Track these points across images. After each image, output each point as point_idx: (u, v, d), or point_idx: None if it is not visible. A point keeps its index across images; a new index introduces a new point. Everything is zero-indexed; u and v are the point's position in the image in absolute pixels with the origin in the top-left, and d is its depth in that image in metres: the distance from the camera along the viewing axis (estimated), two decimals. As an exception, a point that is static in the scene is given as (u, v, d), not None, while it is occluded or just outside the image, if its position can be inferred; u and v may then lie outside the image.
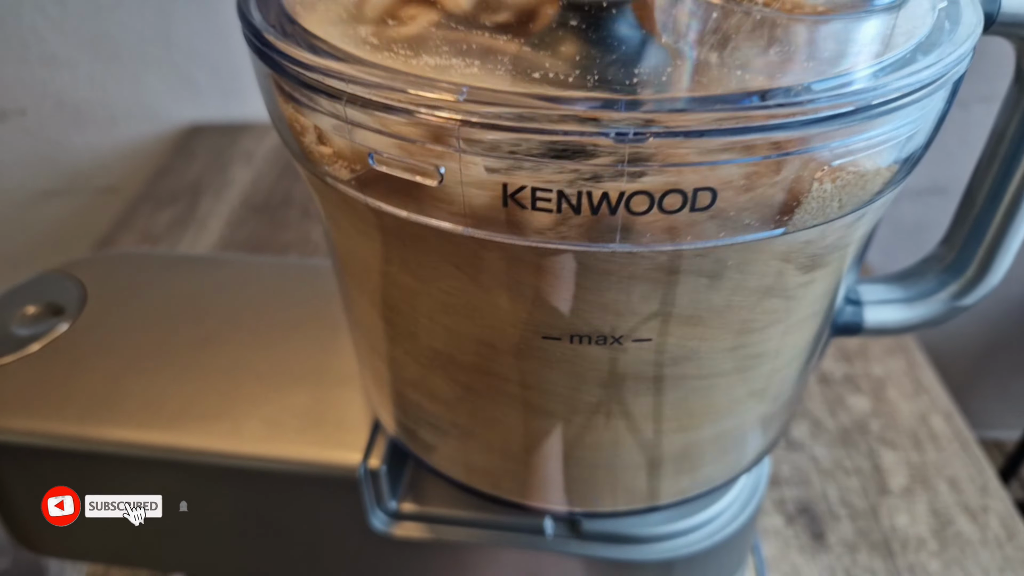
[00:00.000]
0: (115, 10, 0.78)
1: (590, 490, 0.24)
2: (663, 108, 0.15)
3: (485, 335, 0.20)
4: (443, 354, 0.22)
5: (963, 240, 0.25)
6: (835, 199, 0.16)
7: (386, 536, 0.29)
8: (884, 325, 0.26)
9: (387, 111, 0.16)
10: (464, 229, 0.17)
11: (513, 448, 0.24)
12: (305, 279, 0.36)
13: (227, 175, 0.78)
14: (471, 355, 0.21)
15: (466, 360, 0.21)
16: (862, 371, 0.56)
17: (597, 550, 0.28)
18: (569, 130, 0.14)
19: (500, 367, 0.21)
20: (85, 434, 0.28)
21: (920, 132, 0.17)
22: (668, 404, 0.21)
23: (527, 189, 0.15)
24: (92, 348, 0.32)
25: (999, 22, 0.19)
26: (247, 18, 0.19)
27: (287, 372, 0.31)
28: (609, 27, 0.17)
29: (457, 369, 0.22)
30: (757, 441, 0.25)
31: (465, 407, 0.23)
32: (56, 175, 0.88)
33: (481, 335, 0.20)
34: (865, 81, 0.15)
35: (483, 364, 0.21)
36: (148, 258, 0.40)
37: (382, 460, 0.28)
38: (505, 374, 0.21)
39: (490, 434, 0.24)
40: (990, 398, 1.09)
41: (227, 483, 0.29)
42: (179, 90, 0.84)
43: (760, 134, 0.15)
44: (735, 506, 0.29)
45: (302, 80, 0.17)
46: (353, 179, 0.18)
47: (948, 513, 0.46)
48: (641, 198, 0.15)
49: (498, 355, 0.21)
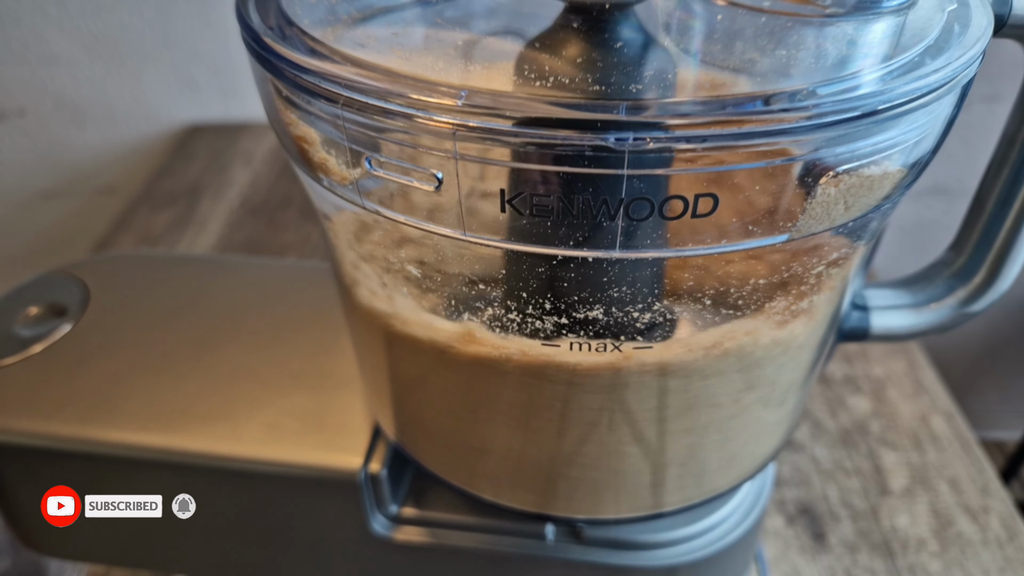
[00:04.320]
0: (115, 10, 0.78)
1: (592, 498, 0.24)
2: (664, 112, 0.14)
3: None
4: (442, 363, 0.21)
5: (972, 245, 0.25)
6: (840, 205, 0.16)
7: (387, 540, 0.29)
8: (891, 331, 0.26)
9: (385, 115, 0.15)
10: (463, 234, 0.17)
11: (513, 456, 0.23)
12: (306, 281, 0.36)
13: (226, 176, 0.78)
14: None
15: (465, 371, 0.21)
16: (862, 372, 0.56)
17: (599, 556, 0.28)
18: (569, 134, 0.14)
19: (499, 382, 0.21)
20: (86, 435, 0.28)
21: (928, 137, 0.17)
22: (672, 412, 0.21)
23: (525, 194, 0.15)
24: (94, 349, 0.32)
25: (1010, 24, 0.19)
26: (245, 21, 0.18)
27: (288, 374, 0.30)
28: (611, 29, 0.17)
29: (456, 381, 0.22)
30: (762, 447, 0.25)
31: (465, 415, 0.23)
32: (55, 175, 0.88)
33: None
34: (872, 85, 0.15)
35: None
36: (151, 259, 0.40)
37: (383, 464, 0.27)
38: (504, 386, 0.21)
39: (490, 442, 0.23)
40: (991, 398, 1.09)
41: (227, 486, 0.29)
42: (178, 90, 0.84)
43: (764, 139, 0.14)
44: (739, 511, 0.28)
45: (299, 84, 0.16)
46: (351, 183, 0.18)
47: (949, 514, 0.46)
48: (641, 204, 0.15)
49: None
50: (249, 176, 0.78)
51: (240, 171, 0.79)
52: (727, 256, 0.17)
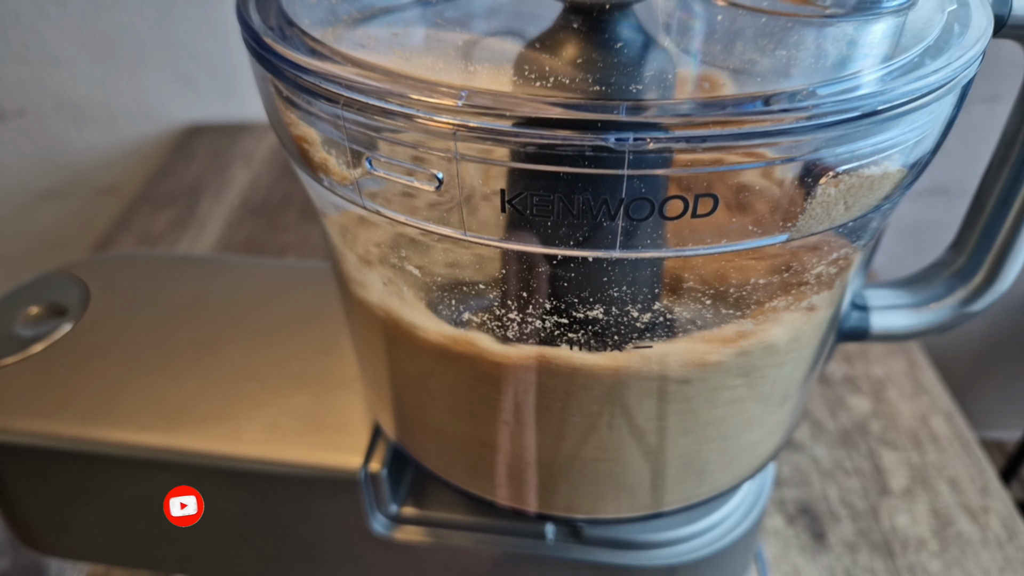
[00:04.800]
0: (115, 10, 0.78)
1: (592, 497, 0.24)
2: (664, 113, 0.14)
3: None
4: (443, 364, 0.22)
5: (972, 245, 0.25)
6: (840, 205, 0.16)
7: (387, 540, 0.29)
8: (891, 331, 0.26)
9: (385, 115, 0.15)
10: (463, 234, 0.17)
11: (513, 456, 0.23)
12: (306, 281, 0.36)
13: (226, 176, 0.78)
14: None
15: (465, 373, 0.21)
16: (862, 372, 0.56)
17: (599, 556, 0.28)
18: (569, 135, 0.14)
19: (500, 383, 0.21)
20: (87, 435, 0.28)
21: (928, 137, 0.17)
22: (672, 412, 0.21)
23: (525, 195, 0.15)
24: (94, 349, 0.32)
25: (1010, 24, 0.19)
26: (246, 21, 0.18)
27: (288, 374, 0.30)
28: (611, 30, 0.17)
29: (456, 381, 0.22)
30: (762, 447, 0.25)
31: (465, 415, 0.23)
32: (55, 175, 0.88)
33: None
34: (872, 85, 0.15)
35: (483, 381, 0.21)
36: (151, 259, 0.40)
37: (383, 464, 0.27)
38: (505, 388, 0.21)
39: (490, 441, 0.23)
40: (991, 398, 1.09)
41: (228, 485, 0.29)
42: (178, 90, 0.84)
43: (764, 139, 0.14)
44: (740, 511, 0.28)
45: (300, 84, 0.17)
46: (351, 183, 0.18)
47: (948, 513, 0.46)
48: (641, 204, 0.15)
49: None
50: (249, 176, 0.78)
51: (240, 171, 0.79)
52: (727, 256, 0.17)
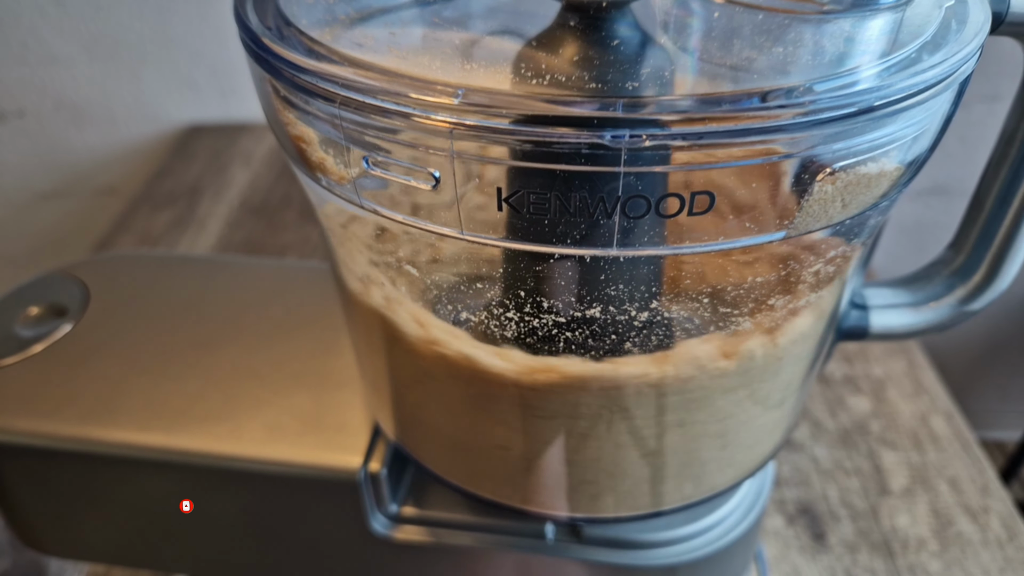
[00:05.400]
0: (114, 10, 0.78)
1: (592, 497, 0.24)
2: (661, 110, 0.14)
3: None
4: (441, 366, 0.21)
5: (971, 244, 0.25)
6: (837, 202, 0.16)
7: (387, 540, 0.29)
8: (890, 330, 0.26)
9: (382, 114, 0.15)
10: (460, 233, 0.17)
11: (513, 456, 0.23)
12: (306, 281, 0.36)
13: (226, 176, 0.78)
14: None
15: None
16: (862, 372, 0.56)
17: (599, 555, 0.28)
18: (565, 132, 0.14)
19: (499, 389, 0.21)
20: (87, 435, 0.28)
21: (926, 134, 0.17)
22: (670, 411, 0.21)
23: (522, 193, 0.15)
24: (94, 349, 0.32)
25: (1008, 22, 0.19)
26: (243, 22, 0.18)
27: (288, 374, 0.30)
28: (608, 28, 0.17)
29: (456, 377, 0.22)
30: (761, 446, 0.25)
31: (464, 415, 0.23)
32: (55, 176, 0.88)
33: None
34: (869, 81, 0.15)
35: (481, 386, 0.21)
36: (151, 259, 0.40)
37: (383, 464, 0.27)
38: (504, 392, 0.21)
39: (490, 441, 0.23)
40: (991, 399, 1.09)
41: (228, 485, 0.29)
42: (178, 91, 0.84)
43: (760, 136, 0.14)
44: (739, 510, 0.28)
45: (297, 83, 0.17)
46: (349, 183, 0.18)
47: (949, 514, 0.46)
48: (638, 202, 0.15)
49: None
50: (249, 176, 0.78)
51: (240, 171, 0.79)
52: (724, 254, 0.17)
